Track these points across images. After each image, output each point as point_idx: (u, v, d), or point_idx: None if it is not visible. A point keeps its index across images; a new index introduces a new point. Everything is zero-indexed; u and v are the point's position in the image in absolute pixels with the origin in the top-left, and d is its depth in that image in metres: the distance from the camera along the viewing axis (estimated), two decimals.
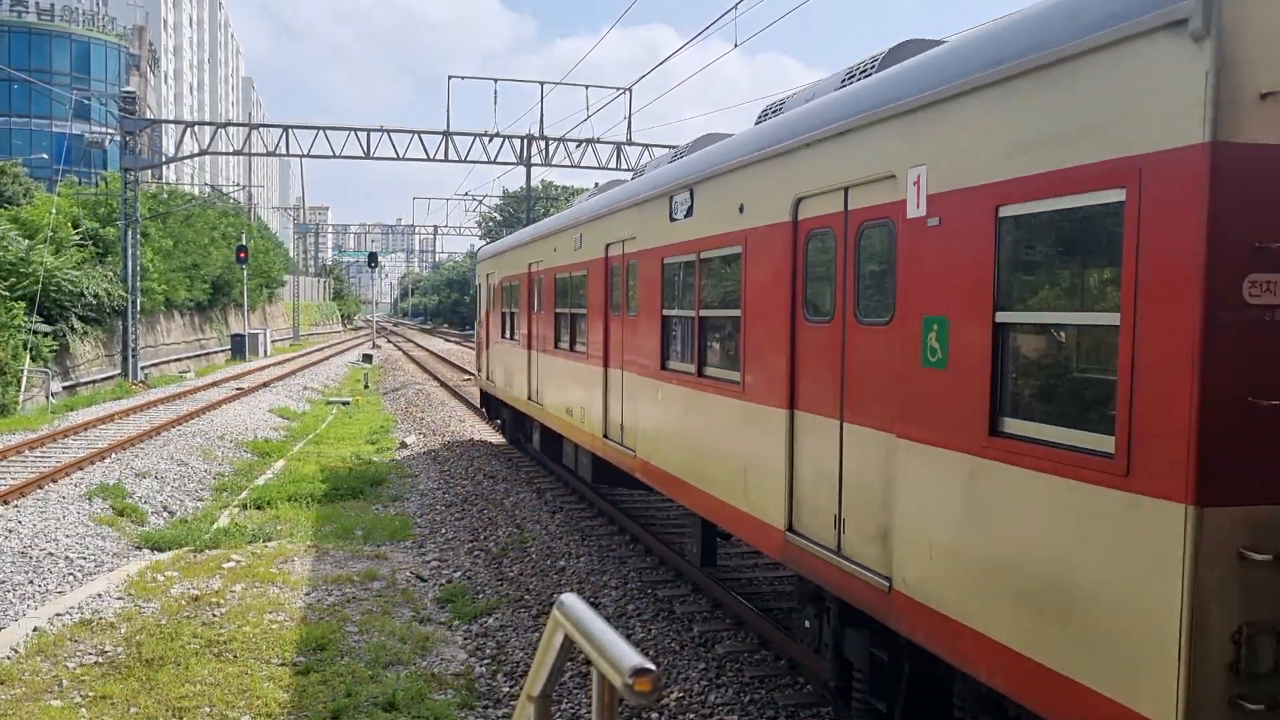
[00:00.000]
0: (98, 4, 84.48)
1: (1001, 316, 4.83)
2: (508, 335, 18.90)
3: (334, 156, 35.93)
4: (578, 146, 37.42)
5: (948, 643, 5.13)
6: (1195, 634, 3.76)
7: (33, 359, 28.89)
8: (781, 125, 7.42)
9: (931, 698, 5.89)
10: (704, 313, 8.81)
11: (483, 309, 22.54)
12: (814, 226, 6.75)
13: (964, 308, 5.06)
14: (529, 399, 16.62)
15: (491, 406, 22.41)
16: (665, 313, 9.72)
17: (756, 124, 8.41)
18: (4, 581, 11.47)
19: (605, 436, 12.00)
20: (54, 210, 35.30)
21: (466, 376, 38.77)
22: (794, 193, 6.94)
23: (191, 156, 36.94)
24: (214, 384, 35.51)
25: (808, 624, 7.11)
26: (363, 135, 35.54)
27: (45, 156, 61.66)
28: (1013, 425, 4.76)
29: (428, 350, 63.71)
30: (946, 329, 5.21)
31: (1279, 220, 3.74)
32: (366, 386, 38.32)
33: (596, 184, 18.52)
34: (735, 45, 20.22)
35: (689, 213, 9.07)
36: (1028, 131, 4.62)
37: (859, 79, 6.89)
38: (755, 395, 7.58)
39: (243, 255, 51.18)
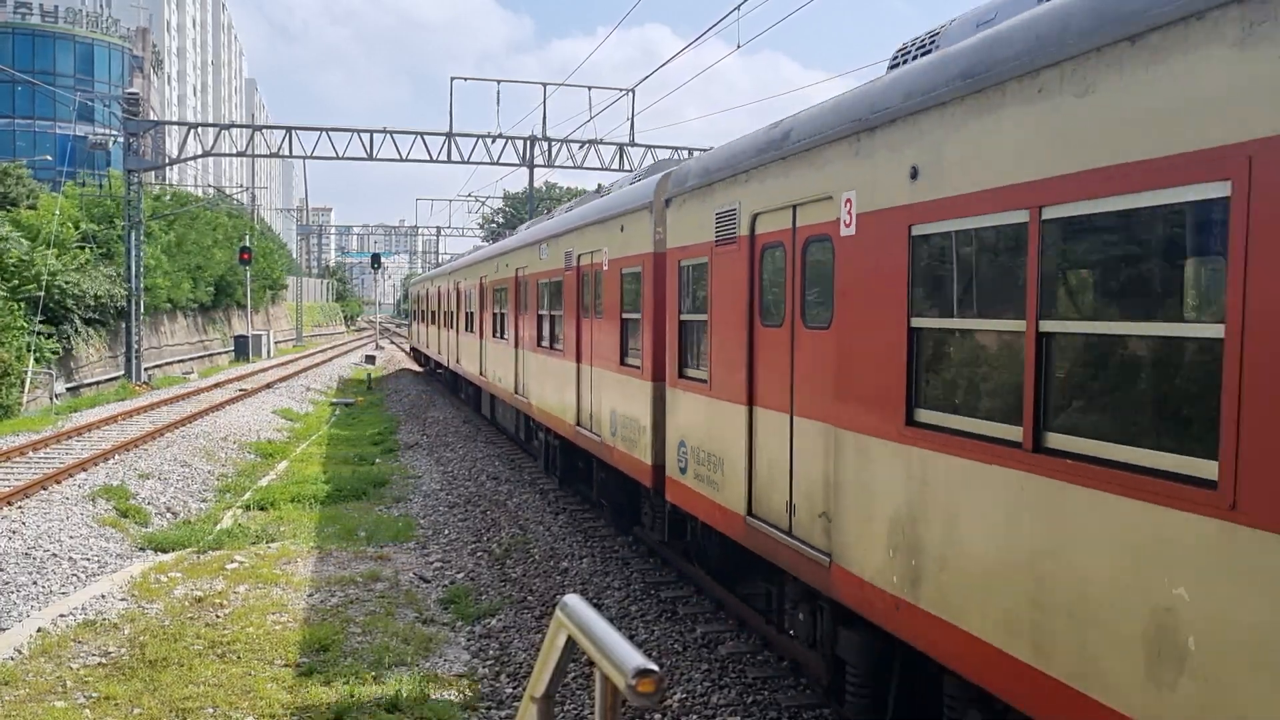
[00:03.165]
0: (101, 6, 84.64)
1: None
2: (424, 321, 39.22)
3: (337, 158, 35.96)
4: (580, 148, 37.43)
5: None
6: None
7: (36, 360, 28.92)
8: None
9: None
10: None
11: (413, 306, 47.37)
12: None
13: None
14: (425, 343, 37.45)
15: (418, 354, 46.37)
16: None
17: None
18: (8, 583, 11.48)
19: (457, 361, 27.33)
20: (57, 212, 35.35)
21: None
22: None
23: (195, 158, 36.99)
24: (217, 385, 35.55)
25: None
26: (366, 136, 35.57)
27: (49, 158, 61.77)
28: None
29: None
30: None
31: None
32: (370, 388, 38.34)
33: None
34: (739, 46, 20.21)
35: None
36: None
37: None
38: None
39: (246, 256, 51.25)
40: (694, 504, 9.21)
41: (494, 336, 21.00)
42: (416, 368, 46.97)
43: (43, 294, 30.19)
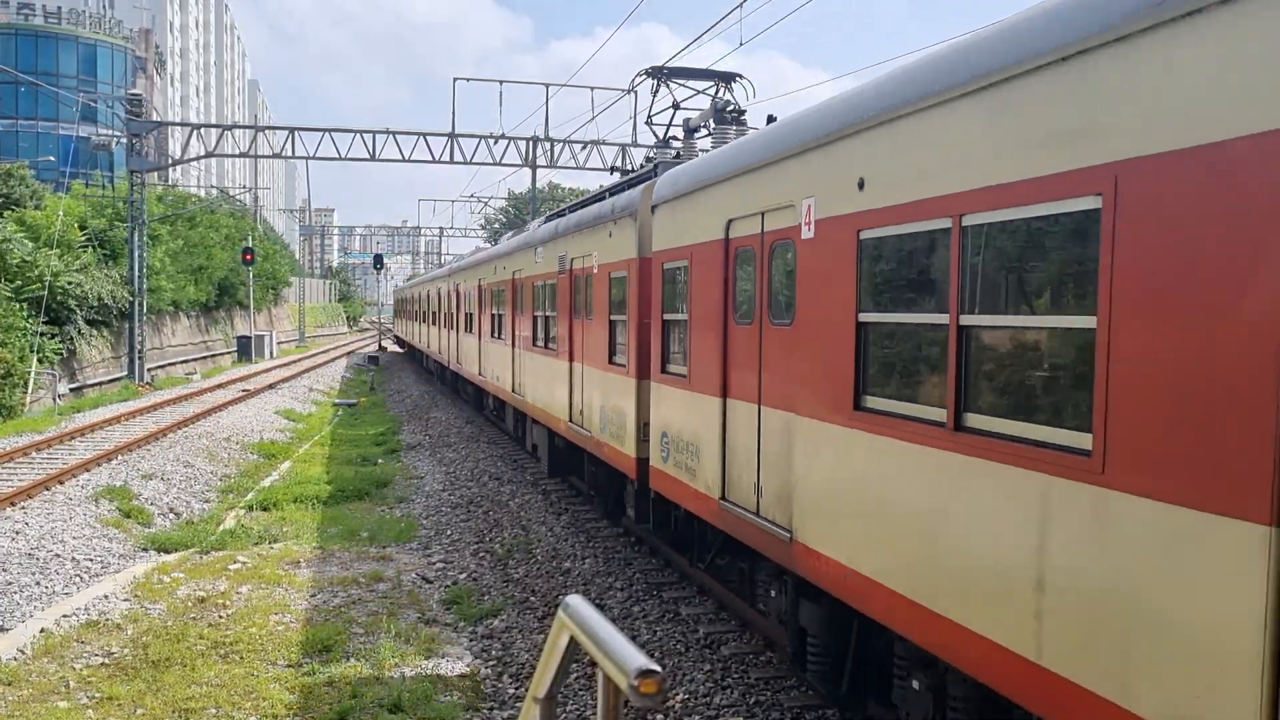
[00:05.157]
0: (104, 6, 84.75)
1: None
2: (408, 317, 51.03)
3: (340, 159, 35.99)
4: (583, 148, 37.43)
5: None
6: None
7: (39, 361, 28.95)
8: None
9: None
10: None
11: (395, 307, 68.38)
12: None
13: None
14: (415, 340, 46.52)
15: (400, 340, 61.98)
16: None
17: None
18: (11, 583, 11.49)
19: (414, 340, 47.59)
20: (60, 213, 35.39)
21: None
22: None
23: (198, 159, 37.02)
24: (220, 385, 35.58)
25: None
26: (368, 137, 35.58)
27: (52, 159, 61.85)
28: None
29: None
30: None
31: None
32: (372, 389, 38.36)
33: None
34: (740, 44, 20.21)
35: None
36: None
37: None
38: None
39: (249, 257, 51.32)
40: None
41: (429, 324, 37.84)
42: (399, 350, 64.34)
43: (45, 294, 30.23)
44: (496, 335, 20.89)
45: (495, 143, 37.06)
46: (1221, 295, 3.59)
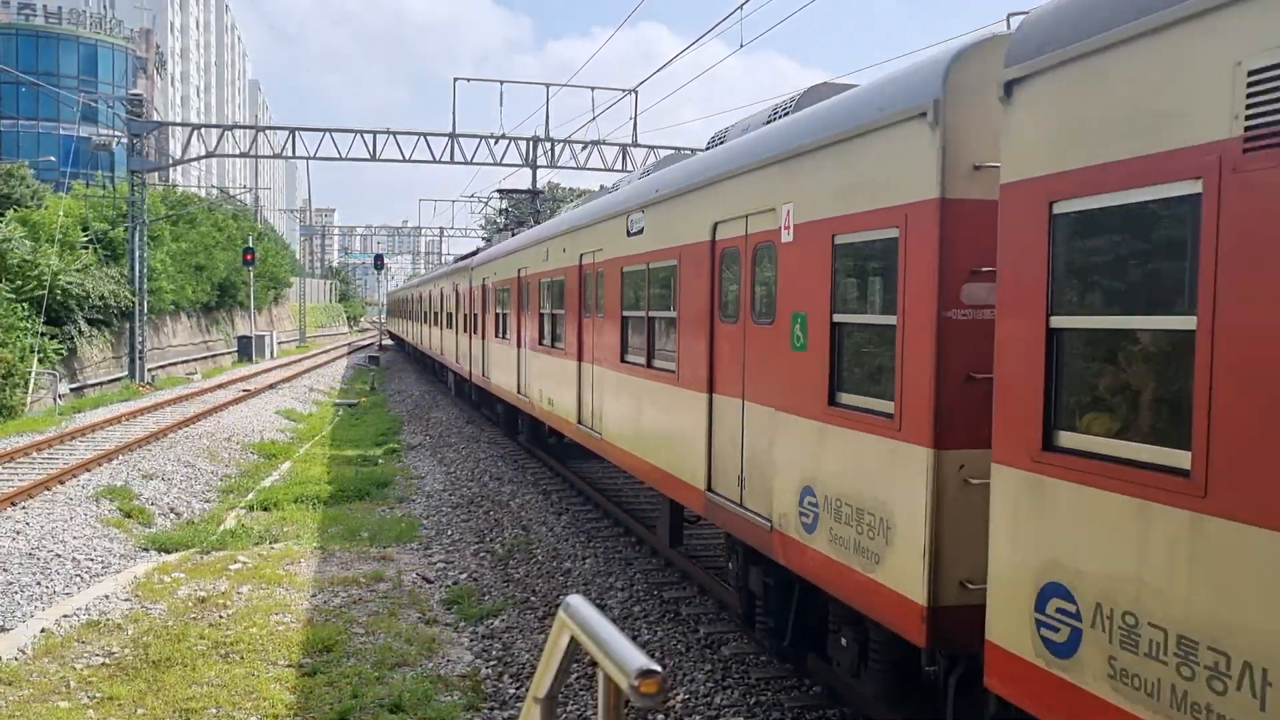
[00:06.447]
0: (104, 7, 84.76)
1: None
2: (395, 315, 66.98)
3: (340, 159, 35.98)
4: (583, 149, 37.42)
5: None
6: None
7: (40, 361, 28.95)
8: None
9: None
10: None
11: (386, 305, 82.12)
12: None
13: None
14: (400, 332, 60.35)
15: (392, 336, 69.92)
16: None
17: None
18: (12, 583, 11.49)
19: (406, 336, 56.52)
20: (61, 214, 35.39)
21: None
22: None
23: (198, 159, 37.02)
24: (220, 386, 35.58)
25: None
26: (368, 137, 35.58)
27: (53, 159, 61.83)
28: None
29: None
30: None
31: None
32: (373, 389, 38.36)
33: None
34: (741, 45, 20.19)
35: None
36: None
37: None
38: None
39: (250, 258, 51.34)
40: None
41: (412, 320, 47.33)
42: (391, 343, 70.77)
43: (46, 294, 30.22)
44: (435, 324, 34.49)
45: (495, 143, 37.06)
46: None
